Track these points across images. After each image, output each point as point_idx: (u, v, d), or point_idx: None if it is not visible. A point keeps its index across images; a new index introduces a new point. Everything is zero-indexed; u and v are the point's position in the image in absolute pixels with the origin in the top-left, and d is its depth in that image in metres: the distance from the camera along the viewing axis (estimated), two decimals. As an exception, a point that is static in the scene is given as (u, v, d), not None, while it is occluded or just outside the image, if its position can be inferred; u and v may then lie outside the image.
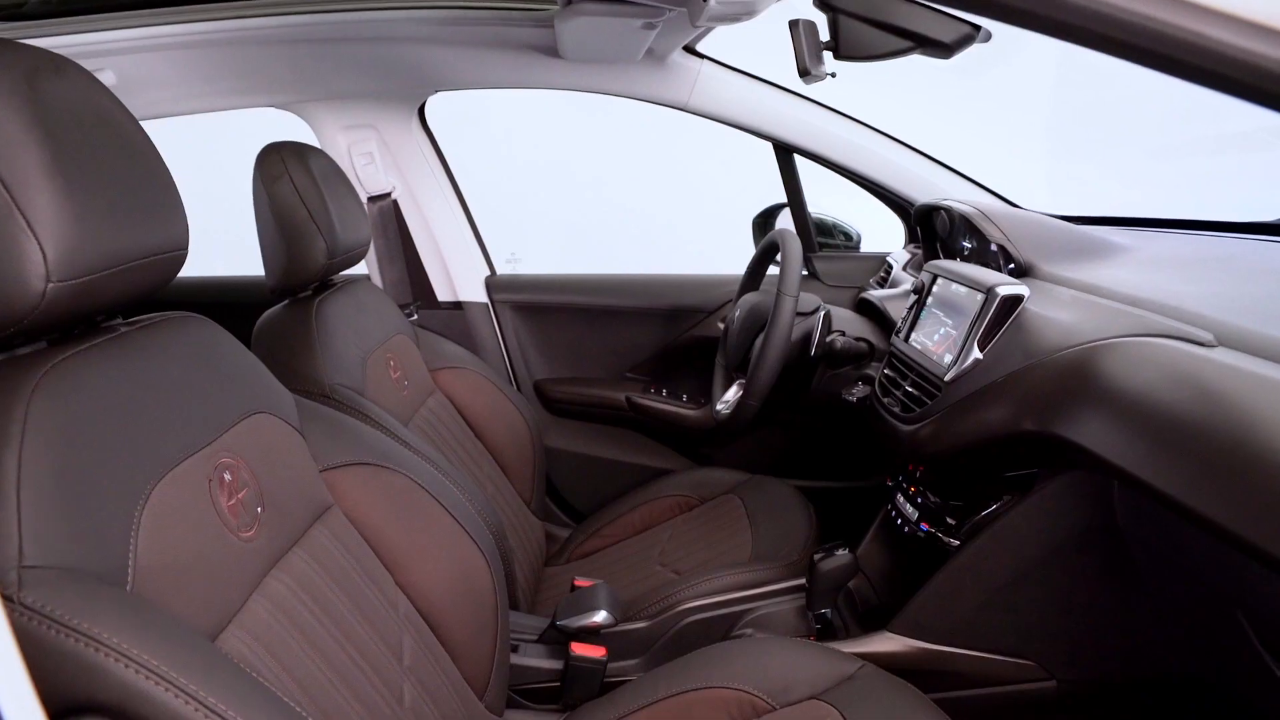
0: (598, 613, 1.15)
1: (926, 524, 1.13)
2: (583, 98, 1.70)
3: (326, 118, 1.70)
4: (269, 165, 1.24)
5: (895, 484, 1.28)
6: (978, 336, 1.01)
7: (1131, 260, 1.23)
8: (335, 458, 0.96)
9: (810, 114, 1.68)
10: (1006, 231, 1.27)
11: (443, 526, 1.01)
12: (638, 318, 1.90)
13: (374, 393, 1.30)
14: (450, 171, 1.86)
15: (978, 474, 1.08)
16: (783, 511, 1.52)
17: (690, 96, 1.65)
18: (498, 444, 1.62)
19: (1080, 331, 0.94)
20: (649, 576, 1.48)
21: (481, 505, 1.21)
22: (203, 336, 0.86)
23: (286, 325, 1.27)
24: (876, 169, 1.69)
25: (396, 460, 1.02)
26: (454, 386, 1.60)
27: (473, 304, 1.88)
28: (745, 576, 1.30)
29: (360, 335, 1.35)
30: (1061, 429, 0.86)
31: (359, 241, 1.39)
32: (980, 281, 1.05)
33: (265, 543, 0.80)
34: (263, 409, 0.88)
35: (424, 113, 1.79)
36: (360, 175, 1.72)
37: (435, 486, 1.03)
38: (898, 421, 1.12)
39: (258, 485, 0.82)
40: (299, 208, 1.22)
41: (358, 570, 0.91)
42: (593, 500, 1.88)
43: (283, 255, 1.23)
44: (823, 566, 1.15)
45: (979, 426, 0.99)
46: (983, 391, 1.00)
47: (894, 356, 1.24)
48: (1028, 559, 1.03)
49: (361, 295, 1.45)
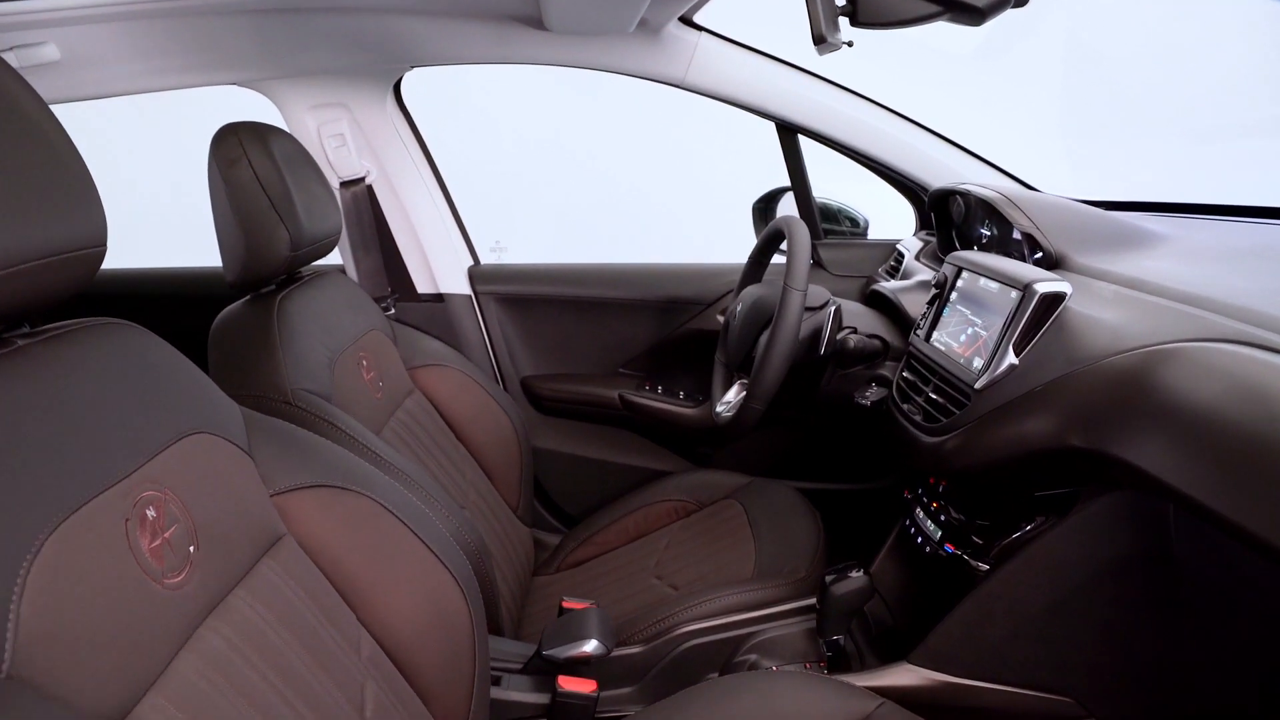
0: (588, 642, 1.05)
1: (951, 545, 1.03)
2: (572, 74, 1.58)
3: (293, 96, 1.57)
4: (225, 148, 1.15)
5: (914, 497, 1.17)
6: (1013, 339, 0.90)
7: (1174, 250, 1.12)
8: (289, 480, 0.86)
9: (816, 91, 1.56)
10: (1035, 218, 1.16)
11: (411, 554, 0.91)
12: (631, 310, 1.79)
13: (343, 397, 1.20)
14: (429, 153, 1.74)
15: (1009, 491, 0.98)
16: (787, 519, 1.44)
17: (687, 72, 1.52)
18: (482, 447, 1.53)
19: (1131, 334, 0.83)
20: (643, 591, 1.39)
21: (459, 524, 1.12)
22: (127, 346, 0.74)
23: (245, 324, 1.18)
24: (887, 151, 1.57)
25: (361, 481, 0.91)
26: (434, 386, 1.51)
27: (455, 296, 1.78)
28: (748, 596, 1.20)
29: (328, 334, 1.25)
30: (1116, 448, 0.75)
31: (328, 231, 1.30)
32: (1015, 277, 0.94)
33: (198, 588, 0.69)
34: (201, 428, 0.77)
35: (400, 90, 1.67)
36: (331, 158, 1.60)
37: (404, 509, 0.93)
38: (920, 432, 1.01)
39: (190, 519, 0.71)
40: (258, 195, 1.13)
41: (313, 609, 0.80)
42: (584, 504, 1.80)
43: (241, 247, 1.14)
44: (836, 590, 1.05)
45: (1015, 441, 0.88)
46: (1019, 401, 0.89)
47: (913, 358, 1.13)
48: (1066, 586, 0.93)
49: (331, 289, 1.35)
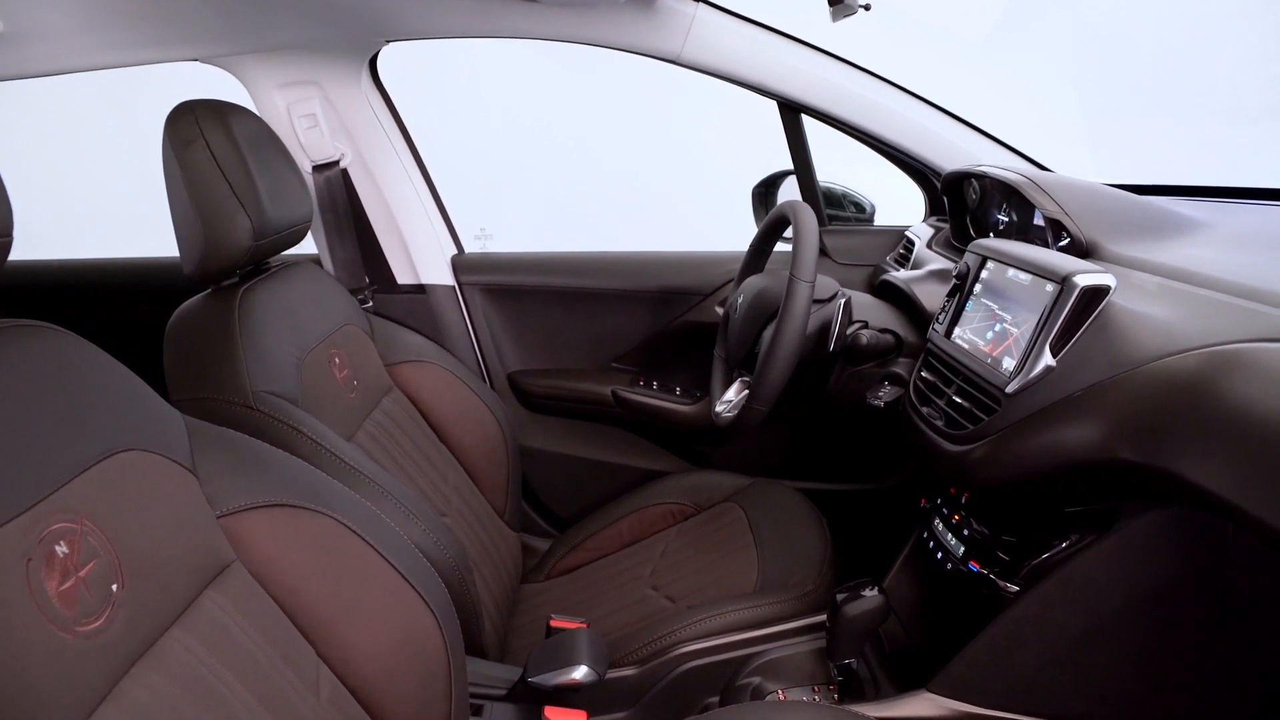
0: (577, 668, 0.96)
1: (976, 563, 0.94)
2: (562, 50, 1.47)
3: (261, 73, 1.46)
4: (180, 128, 1.05)
5: (933, 507, 1.08)
6: (1050, 338, 0.81)
7: (1215, 237, 1.03)
8: (239, 499, 0.76)
9: (822, 68, 1.45)
10: (1063, 202, 1.06)
11: (378, 579, 0.82)
12: (625, 301, 1.69)
13: (312, 399, 1.11)
14: (408, 135, 1.63)
15: (1041, 505, 0.89)
16: (791, 524, 1.35)
17: (684, 47, 1.42)
18: (465, 447, 1.44)
19: (1184, 333, 0.74)
20: (638, 603, 1.31)
21: (438, 536, 1.02)
22: (44, 353, 0.65)
23: (203, 321, 1.08)
24: (897, 131, 1.46)
25: (323, 498, 0.82)
26: (414, 383, 1.42)
27: (437, 287, 1.67)
28: (751, 612, 1.12)
29: (296, 330, 1.16)
30: (1175, 464, 0.66)
31: (296, 218, 1.20)
32: (1051, 268, 0.84)
33: (122, 632, 0.60)
34: (132, 445, 0.67)
35: (376, 66, 1.55)
36: (303, 140, 1.49)
37: (371, 528, 0.84)
38: (941, 439, 0.92)
39: (114, 552, 0.61)
40: (216, 179, 1.04)
41: (264, 647, 0.71)
42: (575, 507, 1.71)
43: (199, 237, 1.05)
44: (848, 611, 0.96)
45: (1051, 451, 0.79)
46: (1057, 408, 0.79)
47: (932, 356, 1.04)
48: (1104, 610, 0.84)
49: (301, 281, 1.25)
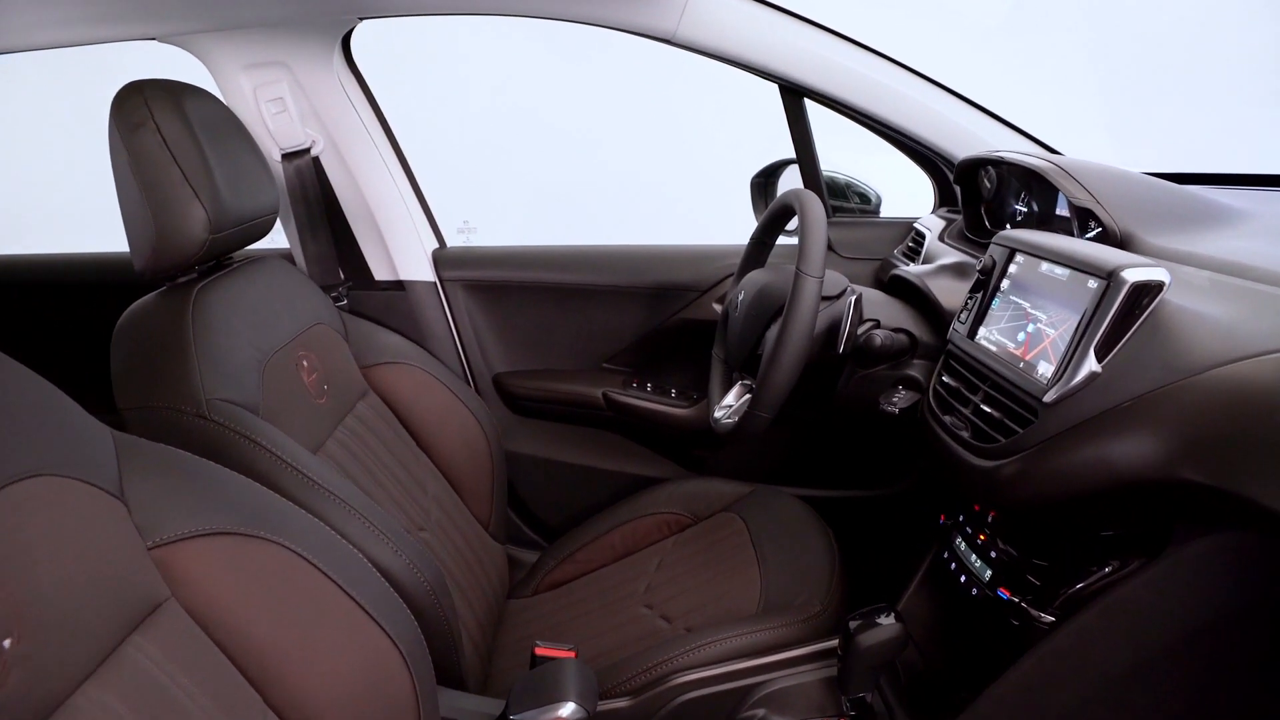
0: (564, 705, 0.86)
1: (1006, 589, 0.85)
2: (548, 28, 1.37)
3: (224, 54, 1.35)
4: (127, 110, 0.97)
5: (954, 524, 0.99)
6: (1094, 340, 0.72)
7: (1260, 228, 0.94)
8: (176, 527, 0.67)
9: (828, 48, 1.36)
10: (1094, 190, 0.97)
11: (337, 614, 0.73)
12: (617, 298, 1.60)
13: (275, 406, 1.02)
14: (385, 120, 1.53)
15: (1080, 527, 0.80)
16: (795, 537, 1.27)
17: (679, 25, 1.32)
18: (447, 455, 1.36)
19: (1250, 335, 0.65)
20: (631, 623, 1.22)
21: (412, 557, 0.93)
22: None
23: (154, 321, 1.00)
24: (907, 116, 1.37)
25: (274, 523, 0.73)
26: (392, 386, 1.33)
27: (417, 284, 1.58)
28: (755, 638, 1.03)
29: (259, 331, 1.07)
30: (1250, 486, 0.57)
31: (259, 209, 1.11)
32: (1095, 261, 0.75)
33: (16, 694, 0.50)
34: (40, 469, 0.58)
35: (349, 46, 1.45)
36: (271, 126, 1.39)
37: (329, 556, 0.75)
38: (969, 452, 0.83)
39: (9, 599, 0.52)
40: (167, 165, 0.96)
41: (201, 698, 0.62)
42: (565, 516, 1.62)
43: (149, 229, 0.97)
44: (863, 641, 0.87)
45: (1097, 469, 0.70)
46: (1102, 419, 0.70)
47: (954, 359, 0.94)
48: (1153, 644, 0.75)
49: (266, 278, 1.16)
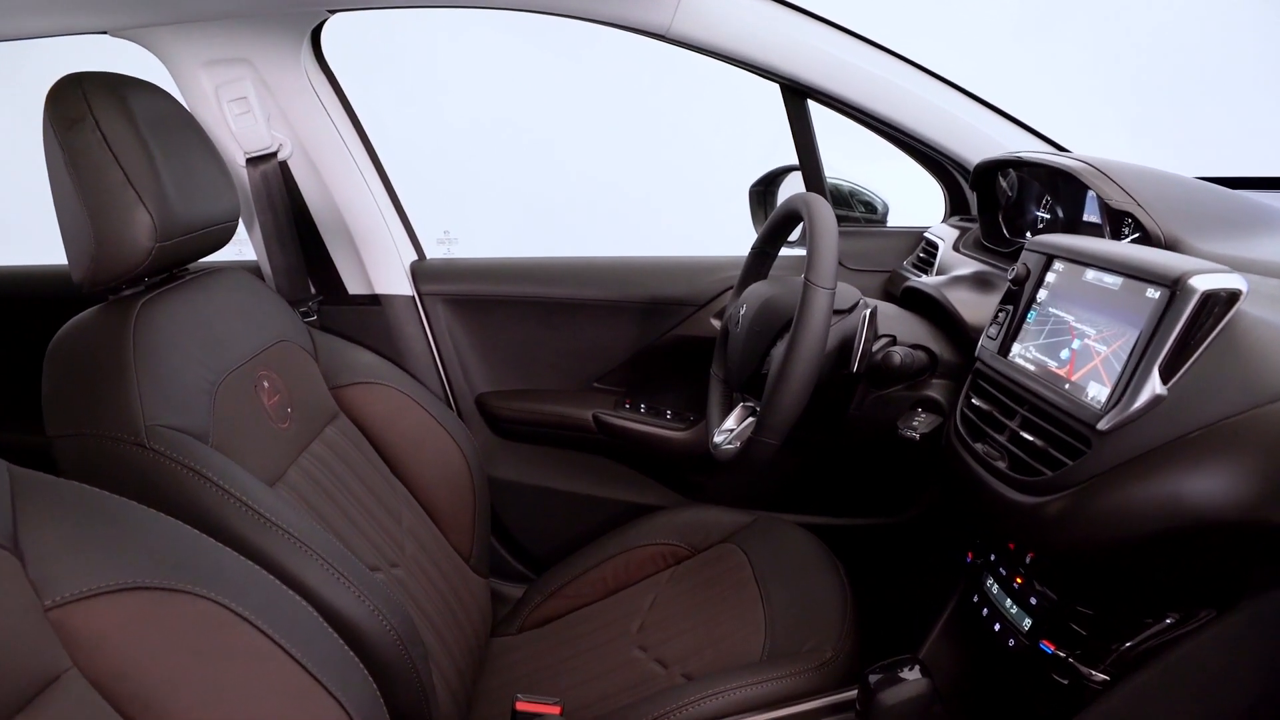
0: (547, 780, 0.76)
1: (1051, 642, 0.74)
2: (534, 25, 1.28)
3: (182, 49, 1.26)
4: (64, 104, 0.88)
5: (984, 563, 0.89)
6: (1159, 359, 0.62)
7: None
8: (81, 582, 0.57)
9: (833, 44, 1.27)
10: (1134, 192, 0.88)
11: (277, 680, 0.63)
12: (607, 313, 1.51)
13: (227, 433, 0.92)
14: (359, 123, 1.43)
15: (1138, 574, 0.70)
16: (802, 572, 1.18)
17: (673, 19, 1.23)
18: (424, 482, 1.26)
19: None
20: (623, 667, 1.13)
21: (373, 605, 0.83)
22: None
23: (91, 339, 0.90)
24: (919, 119, 1.29)
25: (205, 574, 0.62)
26: (365, 408, 1.23)
27: (394, 298, 1.48)
28: (760, 689, 0.94)
29: (212, 349, 0.98)
30: None
31: (214, 216, 1.02)
32: (1156, 268, 0.65)
33: None
34: None
35: (319, 41, 1.35)
36: (234, 127, 1.29)
37: (272, 611, 0.64)
38: (1007, 485, 0.73)
39: None
40: (108, 166, 0.88)
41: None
42: (553, 547, 1.52)
43: (88, 237, 0.88)
44: (886, 699, 0.77)
45: (1165, 508, 0.60)
46: (1170, 450, 0.61)
47: (984, 379, 0.85)
48: (1225, 709, 0.66)
49: (224, 292, 1.07)
